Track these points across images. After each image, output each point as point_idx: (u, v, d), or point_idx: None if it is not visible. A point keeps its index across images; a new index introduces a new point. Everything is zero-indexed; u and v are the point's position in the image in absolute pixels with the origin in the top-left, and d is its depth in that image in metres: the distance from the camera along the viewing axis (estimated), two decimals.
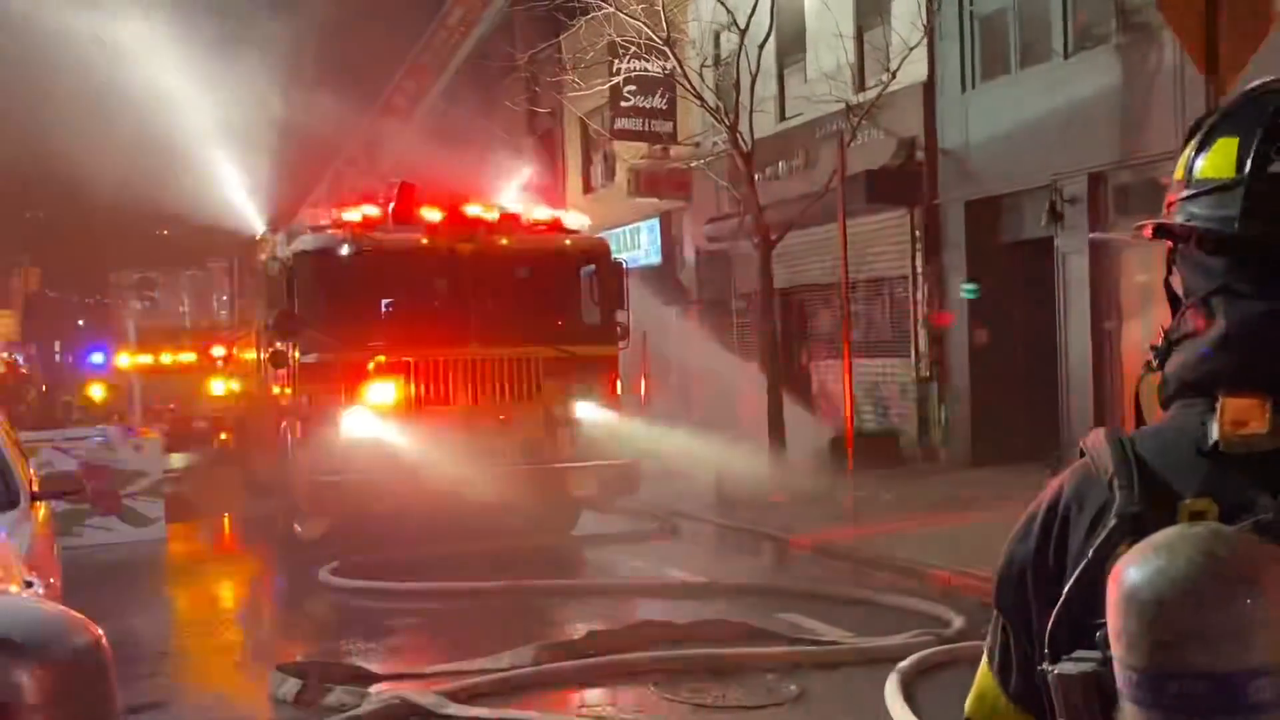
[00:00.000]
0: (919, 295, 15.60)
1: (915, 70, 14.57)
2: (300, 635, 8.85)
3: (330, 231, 11.62)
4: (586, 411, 11.58)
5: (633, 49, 15.36)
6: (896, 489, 13.01)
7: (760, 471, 13.21)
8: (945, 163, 15.12)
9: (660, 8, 14.36)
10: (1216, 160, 1.26)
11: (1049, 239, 13.37)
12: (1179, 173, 1.32)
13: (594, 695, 6.74)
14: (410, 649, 7.99)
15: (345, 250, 11.34)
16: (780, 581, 9.69)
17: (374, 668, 7.11)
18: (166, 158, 16.50)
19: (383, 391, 11.10)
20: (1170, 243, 1.31)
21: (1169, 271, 1.33)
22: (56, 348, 32.48)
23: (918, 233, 15.56)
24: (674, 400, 15.96)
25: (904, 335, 16.09)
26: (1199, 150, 1.29)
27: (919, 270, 15.57)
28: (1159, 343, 1.31)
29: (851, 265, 14.87)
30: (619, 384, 12.10)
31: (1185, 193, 1.29)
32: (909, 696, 5.99)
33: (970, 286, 14.51)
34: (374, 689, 6.54)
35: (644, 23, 14.56)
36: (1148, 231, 1.33)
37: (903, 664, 6.38)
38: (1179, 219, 1.29)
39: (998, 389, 14.53)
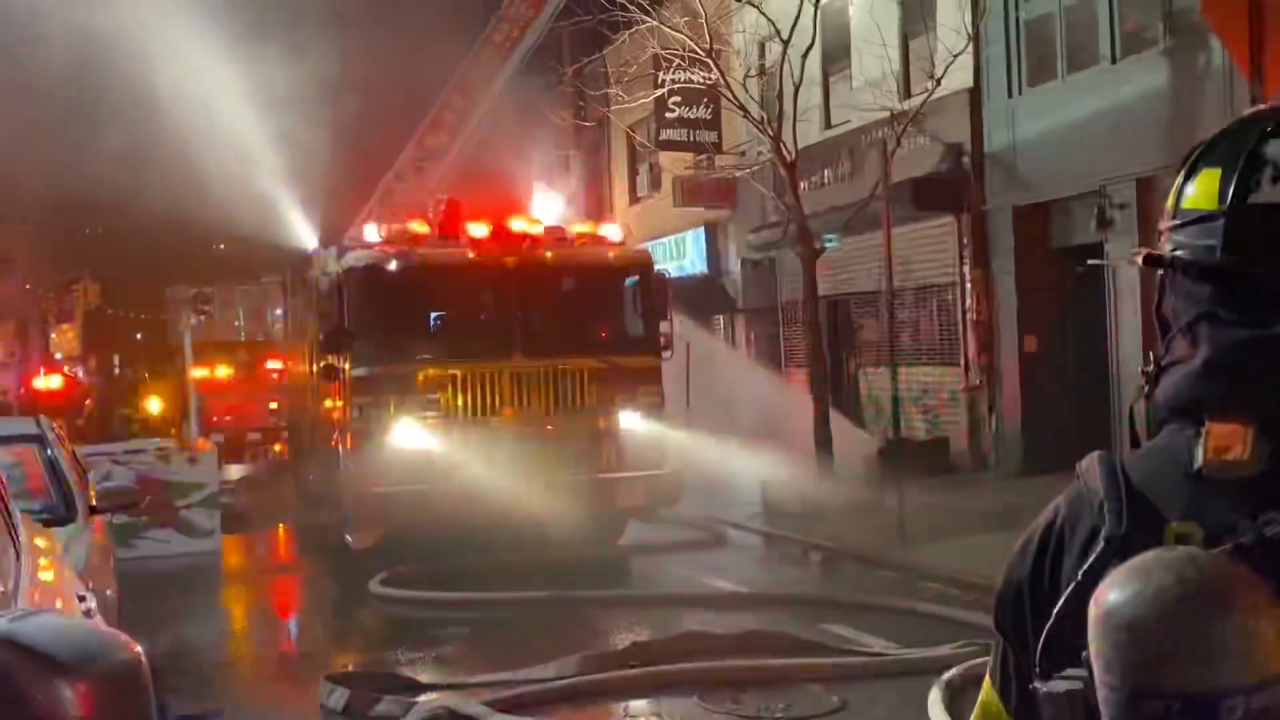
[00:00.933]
0: (967, 302, 15.50)
1: (961, 77, 14.50)
2: (350, 645, 8.99)
3: (379, 248, 11.80)
4: (631, 422, 11.64)
5: (676, 61, 15.44)
6: (945, 498, 12.92)
7: (807, 481, 13.18)
8: (992, 169, 15.02)
9: (704, 20, 14.42)
10: (1201, 190, 1.29)
11: (1098, 245, 13.25)
12: (1170, 201, 1.35)
13: (638, 706, 6.79)
14: (457, 659, 8.07)
15: (393, 266, 11.51)
16: (825, 592, 9.68)
17: (421, 677, 7.21)
18: (222, 174, 16.82)
19: (431, 404, 11.24)
20: (1162, 271, 1.34)
21: (1160, 299, 1.36)
22: (115, 361, 33.13)
23: (965, 239, 15.47)
24: (720, 410, 15.97)
25: (952, 343, 15.99)
26: (1186, 179, 1.32)
27: (967, 277, 15.48)
28: (1150, 368, 1.35)
29: (898, 273, 14.79)
30: (663, 394, 12.16)
31: (1173, 222, 1.32)
32: (951, 708, 5.97)
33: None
34: (421, 699, 6.63)
35: (687, 35, 14.62)
36: (1139, 260, 1.36)
37: (946, 675, 6.36)
38: (1167, 248, 1.32)
39: (1048, 397, 14.39)
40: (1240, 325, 1.24)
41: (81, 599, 3.77)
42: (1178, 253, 1.29)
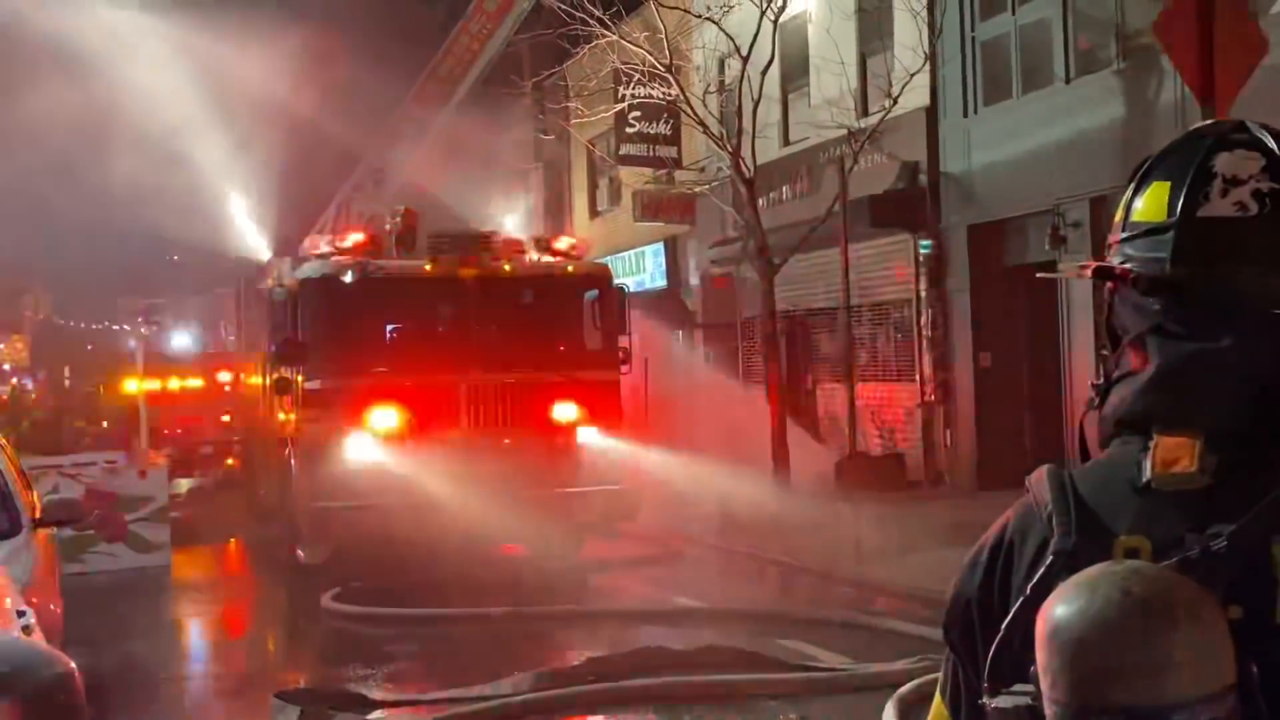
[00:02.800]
0: (923, 319, 15.62)
1: (918, 95, 14.63)
2: (301, 661, 8.88)
3: (334, 258, 11.70)
4: (589, 436, 11.60)
5: (637, 76, 15.46)
6: (901, 513, 12.98)
7: (764, 496, 13.19)
8: (948, 187, 15.16)
9: (664, 35, 14.47)
10: (1150, 203, 1.29)
11: (1052, 263, 13.38)
12: (1119, 214, 1.35)
13: None
14: (410, 675, 7.99)
15: (349, 277, 11.41)
16: (782, 607, 9.68)
17: (373, 694, 7.11)
18: (176, 184, 16.65)
19: (385, 417, 11.14)
20: (1111, 283, 1.34)
21: (1110, 311, 1.35)
22: (66, 373, 32.64)
23: (921, 257, 15.59)
24: (678, 424, 15.97)
25: (908, 359, 16.10)
26: (1136, 192, 1.32)
27: (923, 294, 15.60)
28: (1100, 381, 1.34)
29: (855, 289, 14.89)
30: (621, 409, 12.13)
31: (1123, 234, 1.32)
32: None
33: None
34: (372, 716, 6.55)
35: (647, 50, 14.66)
36: (1089, 272, 1.36)
37: (901, 690, 6.37)
38: (1117, 260, 1.32)
39: (1003, 413, 14.52)
40: (1189, 338, 1.24)
41: (21, 614, 3.68)
42: (1127, 265, 1.29)
